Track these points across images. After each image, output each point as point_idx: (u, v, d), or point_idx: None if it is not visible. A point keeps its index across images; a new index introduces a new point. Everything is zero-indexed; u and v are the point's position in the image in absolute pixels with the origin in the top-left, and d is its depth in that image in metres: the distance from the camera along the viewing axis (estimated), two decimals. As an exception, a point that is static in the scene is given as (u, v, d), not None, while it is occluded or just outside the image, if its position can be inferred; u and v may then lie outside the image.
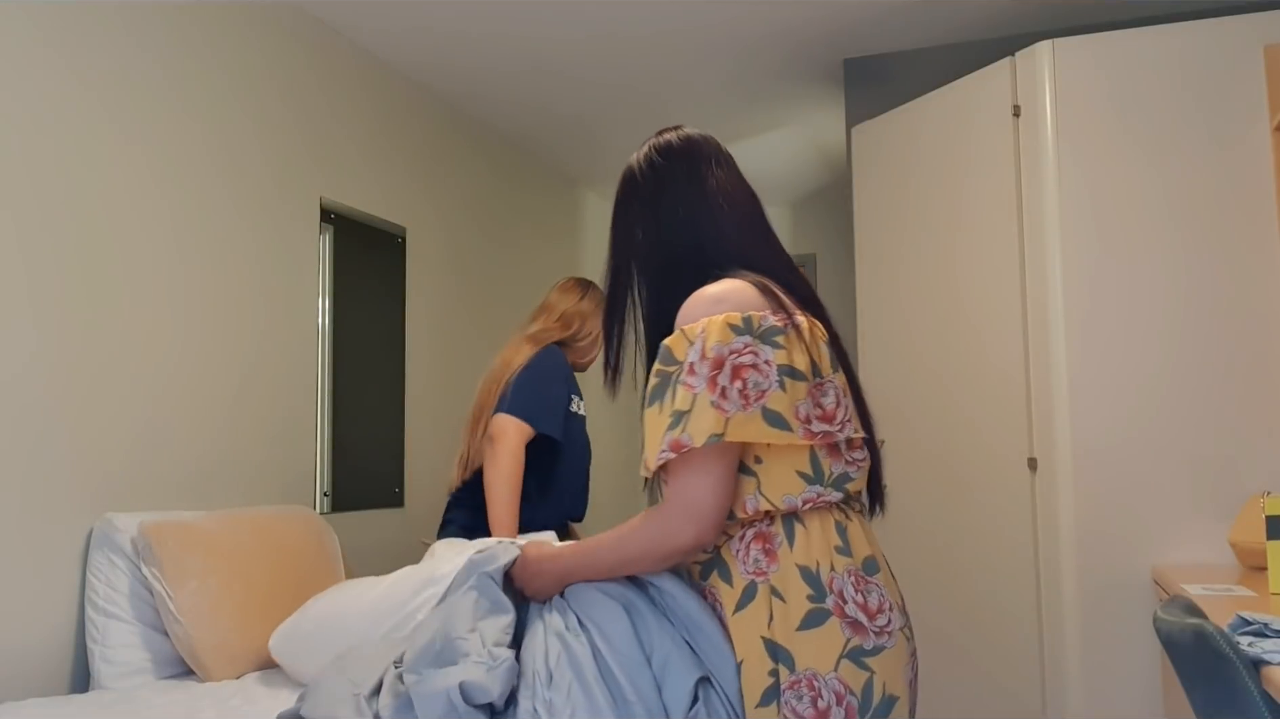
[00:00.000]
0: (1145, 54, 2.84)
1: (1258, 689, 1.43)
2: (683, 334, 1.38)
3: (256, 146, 3.14)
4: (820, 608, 1.34)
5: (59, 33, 2.51)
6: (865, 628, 1.35)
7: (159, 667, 2.42)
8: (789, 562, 1.36)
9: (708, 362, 1.34)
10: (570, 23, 3.56)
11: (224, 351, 2.97)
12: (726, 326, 1.35)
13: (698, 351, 1.35)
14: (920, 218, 3.34)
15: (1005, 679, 2.98)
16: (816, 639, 1.33)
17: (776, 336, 1.36)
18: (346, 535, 3.44)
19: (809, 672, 1.32)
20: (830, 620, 1.34)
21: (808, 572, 1.35)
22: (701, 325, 1.36)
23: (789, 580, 1.35)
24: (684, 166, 1.54)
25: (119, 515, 2.51)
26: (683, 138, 1.58)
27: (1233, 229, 2.74)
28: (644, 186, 1.56)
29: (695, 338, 1.36)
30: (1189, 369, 2.74)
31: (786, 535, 1.37)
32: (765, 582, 1.36)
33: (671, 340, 1.39)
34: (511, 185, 4.85)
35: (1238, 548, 2.51)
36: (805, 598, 1.34)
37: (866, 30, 3.71)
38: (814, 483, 1.38)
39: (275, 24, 3.26)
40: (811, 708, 1.31)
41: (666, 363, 1.39)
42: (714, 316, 1.36)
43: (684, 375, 1.35)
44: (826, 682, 1.32)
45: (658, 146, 1.58)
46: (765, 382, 1.34)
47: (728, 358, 1.34)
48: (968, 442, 3.12)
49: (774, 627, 1.34)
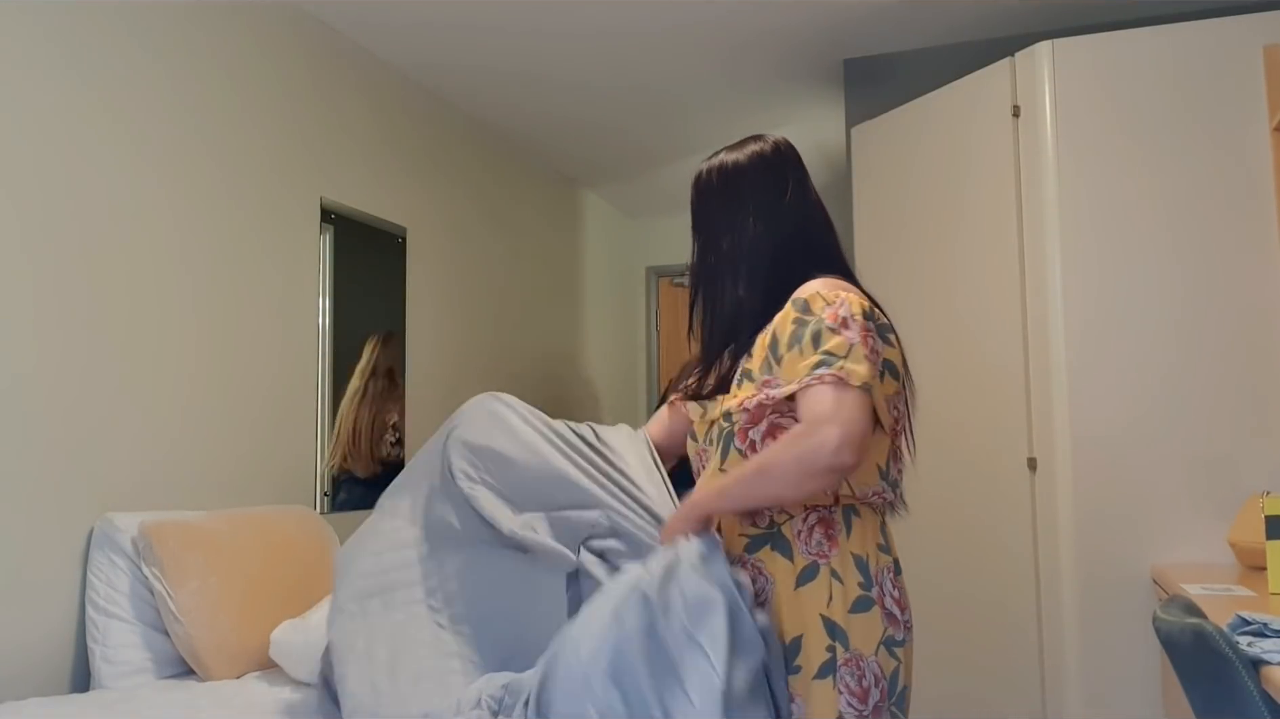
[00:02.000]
0: (1145, 54, 2.84)
1: (1257, 689, 1.43)
2: (820, 295, 1.44)
3: (256, 146, 3.14)
4: (867, 595, 1.44)
5: (59, 32, 2.51)
6: (898, 620, 1.47)
7: (159, 666, 2.42)
8: (846, 549, 1.45)
9: (858, 323, 1.41)
10: (570, 23, 3.56)
11: (224, 351, 2.97)
12: (861, 306, 1.44)
13: (845, 309, 1.42)
14: (920, 218, 3.34)
15: (1005, 678, 2.98)
16: (863, 623, 1.43)
17: (888, 334, 1.48)
18: (346, 535, 3.44)
19: (857, 652, 1.42)
20: (874, 609, 1.44)
21: (860, 560, 1.45)
22: (841, 295, 1.44)
23: (846, 566, 1.44)
24: (798, 174, 1.62)
25: (119, 515, 2.51)
26: (788, 145, 1.65)
27: (1233, 229, 2.74)
28: (761, 184, 1.60)
29: (835, 301, 1.43)
30: (1188, 369, 2.74)
31: (845, 524, 1.46)
32: (826, 563, 1.44)
33: (808, 296, 1.45)
34: (511, 185, 4.85)
35: (1237, 548, 2.51)
36: (857, 584, 1.44)
37: (866, 30, 3.71)
38: (883, 478, 1.49)
39: (275, 24, 3.26)
40: (858, 685, 1.41)
41: (804, 313, 1.44)
42: (853, 295, 1.45)
43: (835, 326, 1.40)
44: (868, 664, 1.42)
45: (770, 149, 1.63)
46: (876, 368, 1.42)
47: (867, 332, 1.42)
48: (968, 442, 3.12)
49: (833, 606, 1.43)
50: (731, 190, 1.60)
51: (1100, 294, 2.81)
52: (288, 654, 2.33)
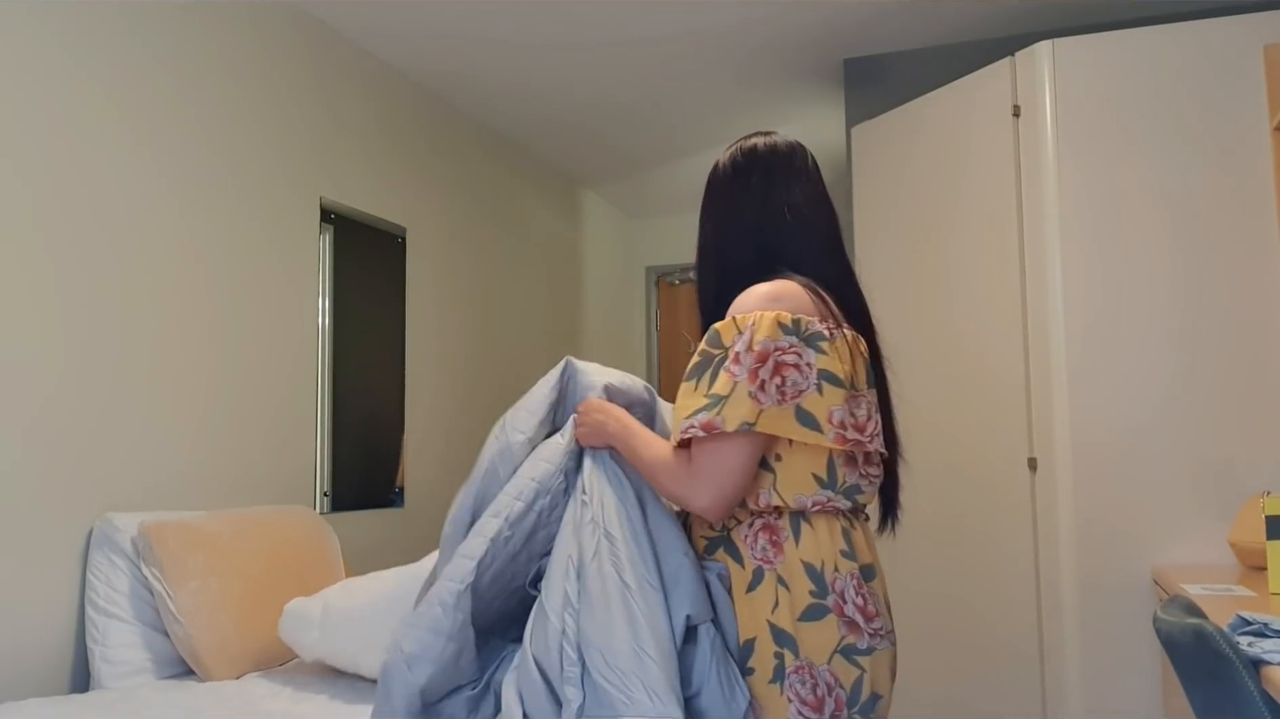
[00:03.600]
0: (1145, 54, 2.84)
1: (1257, 689, 1.43)
2: (734, 322, 1.43)
3: (257, 146, 3.14)
4: (820, 604, 1.42)
5: (60, 33, 2.51)
6: (861, 628, 1.43)
7: (159, 667, 2.42)
8: (794, 557, 1.43)
9: (753, 354, 1.40)
10: (570, 23, 3.56)
11: (224, 351, 2.97)
12: (776, 324, 1.41)
13: (745, 343, 1.41)
14: (920, 218, 3.34)
15: (1005, 679, 2.97)
16: (815, 632, 1.41)
17: (821, 342, 1.42)
18: (346, 535, 3.44)
19: (807, 660, 1.41)
20: (829, 617, 1.42)
21: (812, 569, 1.43)
22: (753, 318, 1.42)
23: (794, 573, 1.43)
24: (760, 174, 1.58)
25: (119, 515, 2.51)
26: (768, 145, 1.61)
27: (1233, 229, 2.74)
28: (721, 185, 1.60)
29: (745, 328, 1.42)
30: (1189, 369, 2.74)
31: (793, 532, 1.44)
32: (772, 569, 1.44)
33: (722, 326, 1.45)
34: (511, 185, 4.85)
35: (1238, 548, 2.51)
36: (808, 592, 1.42)
37: (866, 30, 3.71)
38: (826, 487, 1.45)
39: (275, 24, 3.26)
40: (811, 693, 1.40)
41: (713, 345, 1.44)
42: (766, 312, 1.42)
43: (728, 363, 1.41)
44: (820, 672, 1.40)
45: (743, 150, 1.61)
46: (804, 382, 1.40)
47: (772, 354, 1.40)
48: (968, 442, 3.12)
49: (778, 613, 1.42)
50: (709, 192, 1.62)
51: (1100, 294, 2.81)
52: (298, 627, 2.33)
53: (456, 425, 4.22)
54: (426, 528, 3.95)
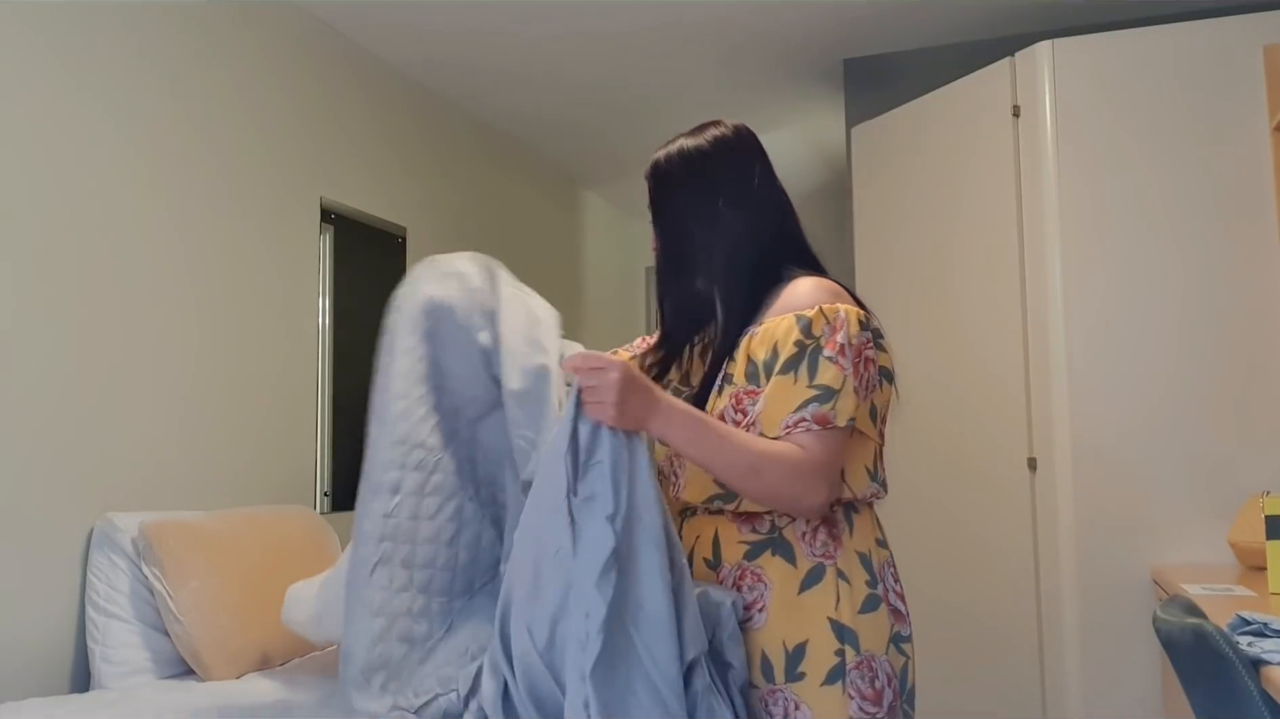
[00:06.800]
0: (1145, 54, 2.84)
1: (1257, 689, 1.43)
2: (823, 313, 1.39)
3: (256, 146, 3.14)
4: (874, 593, 1.42)
5: (57, 33, 2.51)
6: (904, 615, 1.45)
7: (159, 667, 2.42)
8: (850, 547, 1.43)
9: (853, 348, 1.38)
10: (570, 23, 3.56)
11: (224, 351, 2.97)
12: (857, 320, 1.40)
13: (845, 335, 1.38)
14: (920, 218, 3.34)
15: (1005, 678, 2.97)
16: (873, 623, 1.40)
17: (881, 339, 1.44)
18: (346, 535, 3.43)
19: (869, 653, 1.38)
20: (881, 606, 1.42)
21: (864, 558, 1.43)
22: (841, 311, 1.40)
23: (852, 565, 1.42)
24: (761, 160, 1.56)
25: (119, 515, 2.51)
26: (749, 130, 1.57)
27: (1233, 229, 2.74)
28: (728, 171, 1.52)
29: (837, 321, 1.39)
30: (1188, 369, 2.74)
31: (847, 523, 1.44)
32: (833, 564, 1.41)
33: (812, 314, 1.39)
34: (511, 185, 4.85)
35: (1237, 548, 2.51)
36: (864, 583, 1.41)
37: (866, 30, 3.71)
38: (873, 480, 1.46)
39: (275, 24, 3.26)
40: (870, 687, 1.37)
41: (806, 334, 1.38)
42: (850, 307, 1.41)
43: (833, 355, 1.37)
44: (881, 663, 1.39)
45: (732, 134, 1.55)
46: (874, 378, 1.41)
47: (864, 349, 1.40)
48: (968, 442, 3.12)
49: (840, 608, 1.39)
50: (697, 177, 1.52)
51: (1100, 294, 2.81)
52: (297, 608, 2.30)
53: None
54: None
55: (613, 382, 1.26)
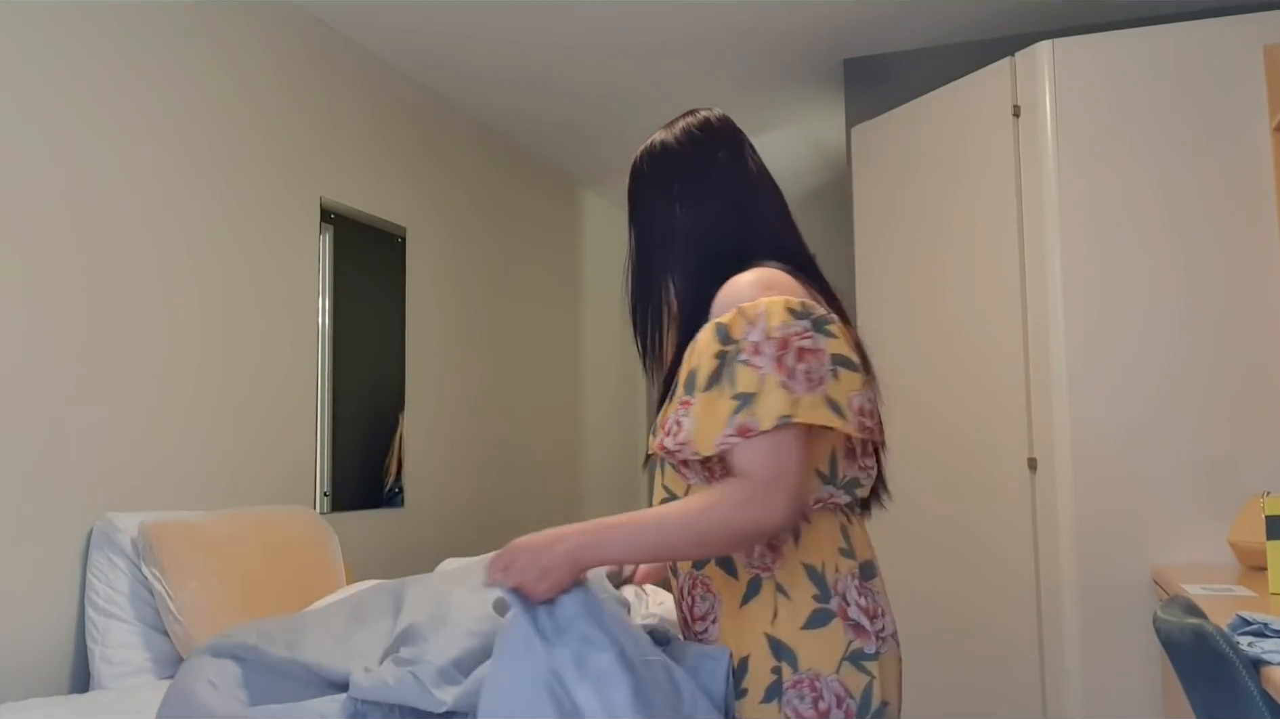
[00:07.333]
0: (1145, 54, 2.84)
1: (1257, 689, 1.43)
2: (741, 313, 1.30)
3: (256, 146, 3.14)
4: (825, 608, 1.31)
5: (57, 33, 2.51)
6: (868, 632, 1.32)
7: (159, 667, 2.42)
8: (794, 559, 1.33)
9: (773, 342, 1.27)
10: (570, 23, 3.56)
11: (224, 351, 2.97)
12: (786, 309, 1.29)
13: (761, 332, 1.27)
14: (920, 218, 3.34)
15: (1005, 679, 2.97)
16: (820, 639, 1.30)
17: (828, 325, 1.31)
18: (346, 535, 3.44)
19: (811, 672, 1.29)
20: (834, 622, 1.31)
21: (813, 570, 1.32)
22: (762, 305, 1.29)
23: (795, 578, 1.32)
24: (729, 148, 1.47)
25: (119, 515, 2.51)
26: (721, 118, 1.50)
27: (1233, 229, 2.74)
28: (687, 163, 1.46)
29: (755, 318, 1.29)
30: (1189, 369, 2.74)
31: (791, 532, 1.33)
32: (770, 577, 1.32)
33: (729, 319, 1.31)
34: (511, 185, 4.85)
35: (1237, 548, 2.51)
36: (811, 597, 1.31)
37: (866, 30, 3.71)
38: (828, 483, 1.34)
39: (275, 24, 3.26)
40: (812, 709, 1.28)
41: (723, 341, 1.30)
42: (773, 298, 1.30)
43: (748, 356, 1.27)
44: (828, 683, 1.29)
45: (698, 124, 1.49)
46: (822, 368, 1.28)
47: (792, 339, 1.27)
48: (968, 442, 3.12)
49: (778, 624, 1.31)
50: (659, 173, 1.47)
51: (1100, 294, 2.81)
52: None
53: (456, 425, 4.22)
54: (427, 528, 3.95)
55: (518, 555, 1.27)
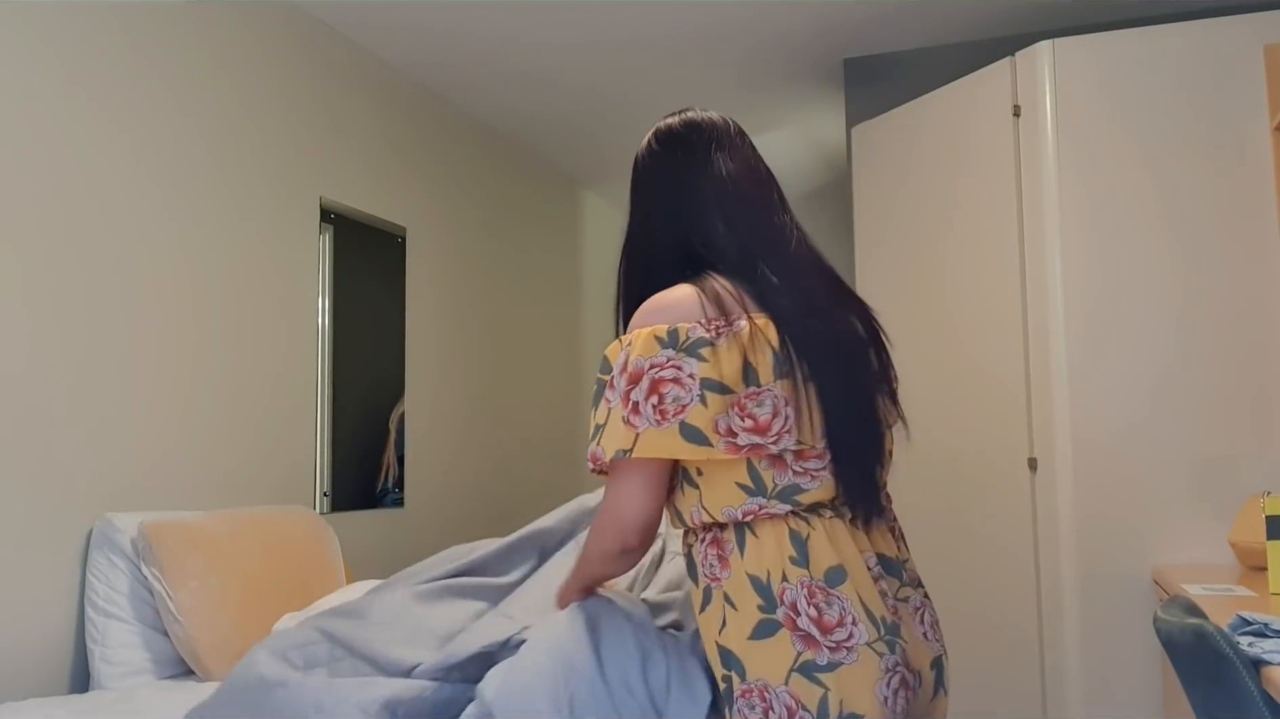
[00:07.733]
0: (1145, 54, 2.84)
1: (1258, 689, 1.43)
2: (619, 342, 1.37)
3: (256, 146, 3.14)
4: (770, 619, 1.31)
5: (57, 33, 2.51)
6: (818, 642, 1.29)
7: (159, 667, 2.42)
8: (740, 570, 1.33)
9: (626, 375, 1.32)
10: (570, 23, 3.56)
11: (224, 351, 2.97)
12: (652, 339, 1.32)
13: (620, 364, 1.34)
14: (920, 218, 3.34)
15: (1005, 678, 2.97)
16: (767, 650, 1.30)
17: (702, 349, 1.30)
18: (346, 535, 3.44)
19: (760, 682, 1.30)
20: (780, 632, 1.30)
21: (758, 581, 1.32)
22: (632, 336, 1.35)
23: (740, 588, 1.33)
24: (680, 156, 1.48)
25: (119, 515, 2.51)
26: (684, 122, 1.51)
27: (1233, 229, 2.74)
28: (641, 175, 1.53)
29: (625, 348, 1.35)
30: (1189, 369, 2.74)
31: (738, 543, 1.35)
32: (719, 588, 1.35)
33: (610, 349, 1.37)
34: (511, 185, 4.85)
35: (1238, 548, 2.51)
36: (756, 607, 1.32)
37: (866, 30, 3.71)
38: (755, 495, 1.33)
39: (275, 24, 3.26)
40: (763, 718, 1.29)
41: (603, 371, 1.37)
42: (643, 329, 1.34)
43: (605, 388, 1.35)
44: (777, 694, 1.28)
45: (658, 133, 1.54)
46: (686, 396, 1.29)
47: (646, 372, 1.31)
48: (968, 442, 3.12)
49: (726, 633, 1.33)
50: (632, 182, 1.54)
51: (1100, 294, 2.81)
52: None
53: (456, 425, 4.22)
54: (427, 528, 3.95)
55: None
